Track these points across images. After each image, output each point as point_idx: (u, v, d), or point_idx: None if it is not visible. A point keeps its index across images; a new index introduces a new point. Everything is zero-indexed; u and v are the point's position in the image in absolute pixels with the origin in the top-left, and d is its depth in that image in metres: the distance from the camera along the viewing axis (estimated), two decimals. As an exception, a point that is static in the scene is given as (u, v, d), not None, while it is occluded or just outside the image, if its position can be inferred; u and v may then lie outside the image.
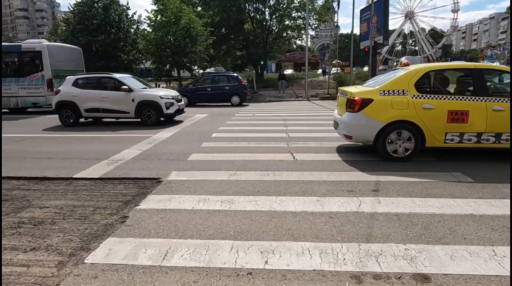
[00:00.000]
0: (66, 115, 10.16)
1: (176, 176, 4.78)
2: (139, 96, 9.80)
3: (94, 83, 10.38)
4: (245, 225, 3.19)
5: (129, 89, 9.81)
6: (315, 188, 4.14)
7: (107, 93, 10.05)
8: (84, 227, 3.27)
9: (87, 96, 10.06)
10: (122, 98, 9.84)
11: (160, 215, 3.46)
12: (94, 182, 4.67)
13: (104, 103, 9.98)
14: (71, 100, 10.05)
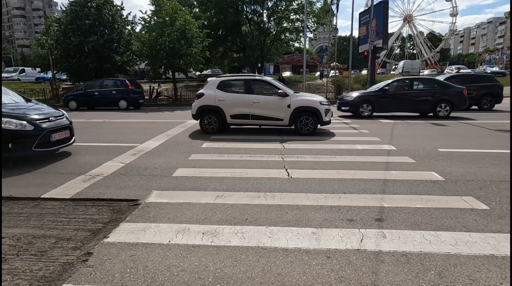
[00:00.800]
0: (209, 121, 9.17)
1: (156, 197, 4.29)
2: (296, 101, 8.76)
3: (242, 86, 9.32)
4: (228, 267, 2.71)
5: (285, 94, 8.79)
6: (311, 216, 3.66)
7: (258, 97, 8.98)
8: (38, 267, 2.77)
9: (235, 101, 9.04)
10: (277, 104, 8.82)
11: (130, 251, 2.97)
12: (64, 204, 4.17)
13: (255, 108, 8.90)
14: (216, 105, 9.04)
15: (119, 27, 20.90)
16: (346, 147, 7.14)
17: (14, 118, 5.70)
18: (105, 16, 20.18)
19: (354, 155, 6.46)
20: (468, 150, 6.78)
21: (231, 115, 9.06)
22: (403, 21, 62.01)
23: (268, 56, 33.51)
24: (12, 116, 5.72)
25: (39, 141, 5.84)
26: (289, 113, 8.75)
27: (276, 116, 8.86)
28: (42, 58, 25.19)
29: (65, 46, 19.48)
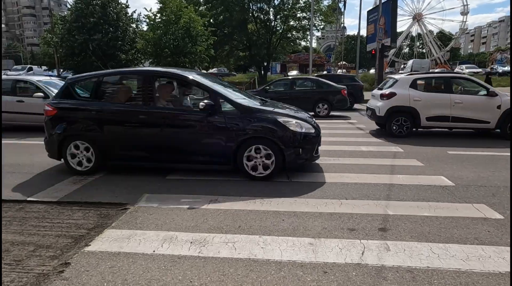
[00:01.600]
0: (399, 124, 8.11)
1: (146, 201, 4.07)
2: (507, 101, 7.64)
3: (441, 84, 8.35)
4: (214, 283, 2.46)
5: (495, 93, 7.78)
6: (309, 224, 3.40)
7: (461, 97, 7.94)
8: (10, 278, 2.56)
9: (432, 101, 7.96)
10: (484, 104, 7.79)
11: (110, 262, 2.75)
12: (49, 207, 3.97)
13: (456, 110, 7.84)
14: (411, 105, 7.97)
15: (123, 25, 20.79)
16: (350, 149, 6.85)
17: (301, 120, 5.02)
18: (109, 14, 20.09)
19: (357, 157, 6.16)
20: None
21: (427, 117, 7.98)
22: (412, 20, 61.04)
23: (275, 55, 33.21)
24: (297, 118, 5.06)
25: (317, 146, 5.18)
26: (498, 115, 7.66)
27: (481, 118, 7.76)
28: (49, 56, 25.27)
29: (70, 44, 19.43)
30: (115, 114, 5.06)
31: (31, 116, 8.94)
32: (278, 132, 4.70)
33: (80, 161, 5.13)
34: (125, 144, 5.08)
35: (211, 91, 4.96)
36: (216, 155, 4.92)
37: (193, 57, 19.57)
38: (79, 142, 5.08)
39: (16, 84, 9.58)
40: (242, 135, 4.72)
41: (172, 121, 4.95)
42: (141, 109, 5.04)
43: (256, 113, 4.85)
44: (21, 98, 9.19)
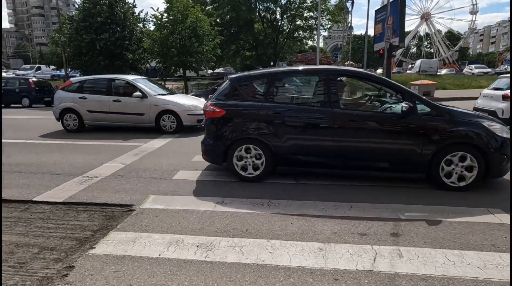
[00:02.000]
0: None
1: (152, 202, 4.01)
2: None
3: None
4: (221, 289, 2.39)
5: None
6: (318, 228, 3.30)
7: None
8: (14, 282, 2.51)
9: None
10: None
11: (115, 266, 2.68)
12: (55, 208, 3.93)
13: None
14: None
15: (130, 25, 20.83)
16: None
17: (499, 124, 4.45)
18: (117, 14, 20.14)
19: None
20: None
21: None
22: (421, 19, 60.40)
23: (281, 55, 33.09)
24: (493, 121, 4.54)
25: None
26: None
27: None
28: (57, 55, 25.45)
29: (77, 43, 19.51)
30: (294, 116, 4.64)
31: (127, 116, 8.93)
32: (485, 137, 4.19)
33: (245, 166, 4.75)
34: (301, 149, 4.64)
35: (406, 92, 4.47)
36: (406, 163, 4.46)
37: (199, 57, 19.54)
38: (251, 146, 4.68)
39: (112, 83, 9.28)
40: (442, 140, 4.26)
41: (360, 124, 4.51)
42: (328, 110, 4.54)
43: (457, 116, 4.35)
44: (117, 98, 8.95)
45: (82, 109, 9.02)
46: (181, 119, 8.67)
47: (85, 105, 9.00)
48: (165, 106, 8.71)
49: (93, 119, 9.15)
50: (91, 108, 9.02)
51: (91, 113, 9.03)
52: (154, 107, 8.70)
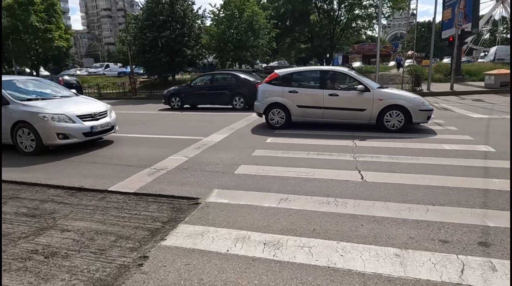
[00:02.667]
0: None
1: (217, 196, 4.05)
2: None
3: None
4: (292, 291, 2.30)
5: None
6: (392, 232, 3.06)
7: None
8: (95, 267, 2.68)
9: None
10: None
11: (185, 259, 2.73)
12: (127, 198, 4.16)
13: None
14: None
15: (189, 22, 21.55)
16: (430, 147, 6.20)
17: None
18: (177, 11, 20.94)
19: (440, 156, 5.54)
20: None
21: None
22: (496, 2, 54.32)
23: (338, 46, 31.96)
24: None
25: None
26: None
27: None
28: (123, 54, 27.29)
29: (142, 41, 20.69)
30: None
31: (344, 112, 7.92)
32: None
33: None
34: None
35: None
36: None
37: (255, 51, 19.62)
38: None
39: (325, 75, 8.35)
40: None
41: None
42: None
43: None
44: (334, 91, 7.96)
45: (292, 104, 8.21)
46: (411, 115, 7.41)
47: (295, 100, 8.18)
48: (391, 101, 7.46)
49: (303, 115, 8.30)
50: (302, 102, 8.17)
51: (302, 109, 8.21)
52: (378, 101, 7.53)
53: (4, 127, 6.34)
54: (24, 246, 3.05)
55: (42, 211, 3.83)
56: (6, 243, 3.11)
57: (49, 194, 4.40)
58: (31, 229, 3.39)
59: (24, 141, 6.41)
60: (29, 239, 3.18)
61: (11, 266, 2.74)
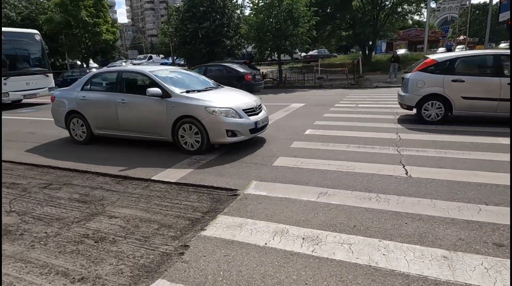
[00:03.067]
0: None
1: (255, 188, 4.07)
2: None
3: None
4: (331, 289, 2.26)
5: None
6: (439, 233, 2.89)
7: None
8: (140, 254, 2.81)
9: None
10: None
11: (224, 250, 2.78)
12: (169, 187, 4.30)
13: None
14: None
15: (229, 12, 21.64)
16: (484, 141, 5.76)
17: None
18: (217, 2, 21.09)
19: (495, 151, 5.13)
20: None
21: None
22: None
23: (381, 33, 30.44)
24: None
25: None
26: None
27: None
28: (165, 45, 28.11)
29: (182, 33, 21.16)
30: None
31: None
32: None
33: None
34: None
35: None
36: None
37: (294, 40, 19.24)
38: None
39: (501, 62, 6.92)
40: None
41: None
42: None
43: None
44: None
45: (455, 94, 7.00)
46: None
47: (459, 90, 6.95)
48: None
49: (469, 108, 7.03)
50: (468, 93, 6.92)
51: (468, 101, 6.95)
52: None
53: (159, 121, 5.75)
54: (77, 230, 3.27)
55: (92, 198, 4.08)
56: (61, 226, 3.36)
57: (98, 181, 4.67)
58: (83, 214, 3.62)
59: (188, 139, 5.61)
60: (80, 224, 3.40)
61: (66, 248, 2.95)
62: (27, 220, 3.53)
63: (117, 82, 6.35)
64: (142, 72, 6.31)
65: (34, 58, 14.36)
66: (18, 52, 13.80)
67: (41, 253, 2.88)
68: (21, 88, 13.28)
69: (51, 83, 14.58)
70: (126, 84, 6.36)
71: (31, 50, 14.16)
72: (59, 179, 4.78)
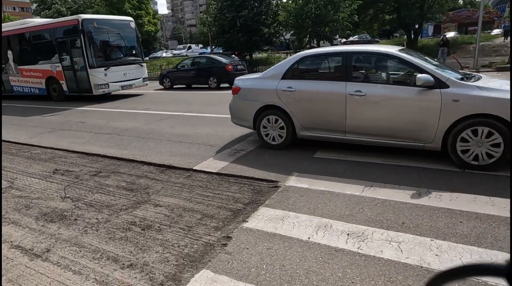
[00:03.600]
0: None
1: (296, 180, 4.00)
2: None
3: None
4: (379, 289, 2.16)
5: None
6: (500, 233, 2.66)
7: None
8: (184, 243, 2.87)
9: None
10: None
11: (267, 243, 2.76)
12: (211, 178, 4.36)
13: None
14: None
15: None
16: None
17: None
18: (255, -11, 20.89)
19: None
20: None
21: None
22: None
23: (429, 15, 28.54)
24: None
25: None
26: None
27: None
28: (204, 35, 28.43)
29: (221, 22, 21.23)
30: None
31: None
32: None
33: None
34: None
35: None
36: None
37: (334, 25, 18.65)
38: None
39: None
40: None
41: None
42: None
43: None
44: None
45: None
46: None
47: None
48: None
49: None
50: None
51: None
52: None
53: (422, 122, 4.11)
54: (125, 218, 3.41)
55: (138, 186, 4.24)
56: (110, 213, 3.52)
57: (143, 170, 4.84)
58: (130, 202, 3.77)
59: (474, 148, 3.86)
60: (128, 211, 3.55)
61: (115, 235, 3.09)
62: (80, 206, 3.75)
63: (344, 67, 4.67)
64: (386, 53, 4.55)
65: (130, 47, 13.52)
66: (115, 41, 12.91)
67: (93, 239, 3.04)
68: (120, 79, 12.64)
69: (145, 73, 13.92)
70: (360, 70, 4.94)
71: (127, 39, 13.24)
72: (108, 167, 5.02)
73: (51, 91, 13.43)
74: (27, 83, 14.04)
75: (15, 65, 14.11)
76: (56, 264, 2.69)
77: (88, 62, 11.80)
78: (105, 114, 9.76)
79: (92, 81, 11.94)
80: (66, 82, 12.76)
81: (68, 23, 12.22)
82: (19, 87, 14.44)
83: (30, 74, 13.70)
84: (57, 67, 12.76)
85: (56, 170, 5.01)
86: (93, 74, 11.93)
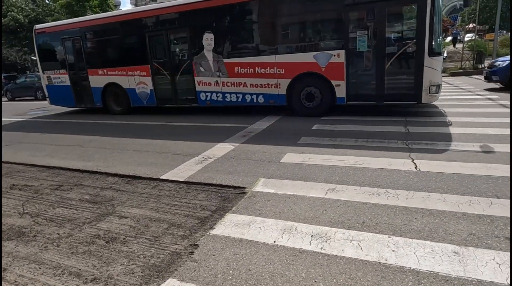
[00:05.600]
0: None
1: (263, 186, 4.07)
2: None
3: None
4: (341, 286, 2.26)
5: None
6: (450, 228, 2.86)
7: None
8: (151, 253, 2.84)
9: None
10: None
11: (234, 249, 2.79)
12: (178, 186, 4.33)
13: None
14: None
15: None
16: (495, 132, 5.66)
17: None
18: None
19: (507, 143, 5.04)
20: None
21: None
22: None
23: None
24: None
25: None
26: None
27: None
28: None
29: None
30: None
31: None
32: None
33: None
34: None
35: None
36: None
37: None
38: None
39: None
40: None
41: None
42: None
43: None
44: None
45: None
46: None
47: None
48: None
49: None
50: None
51: None
52: None
53: None
54: (88, 231, 3.32)
55: (102, 198, 4.13)
56: (73, 227, 3.41)
57: (108, 181, 4.73)
58: (93, 215, 3.67)
59: None
60: (92, 224, 3.45)
61: (78, 249, 3.00)
62: (40, 221, 3.60)
63: None
64: None
65: None
66: None
67: (54, 254, 2.93)
68: None
69: None
70: None
71: None
72: (70, 180, 4.85)
73: (299, 101, 8.17)
74: (245, 87, 8.66)
75: (216, 57, 8.82)
76: (14, 283, 2.57)
77: (428, 47, 6.67)
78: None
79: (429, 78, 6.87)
80: (348, 83, 7.52)
81: None
82: (221, 94, 9.07)
83: (255, 71, 8.40)
84: (334, 55, 7.47)
85: (13, 185, 4.77)
86: (432, 66, 6.85)
